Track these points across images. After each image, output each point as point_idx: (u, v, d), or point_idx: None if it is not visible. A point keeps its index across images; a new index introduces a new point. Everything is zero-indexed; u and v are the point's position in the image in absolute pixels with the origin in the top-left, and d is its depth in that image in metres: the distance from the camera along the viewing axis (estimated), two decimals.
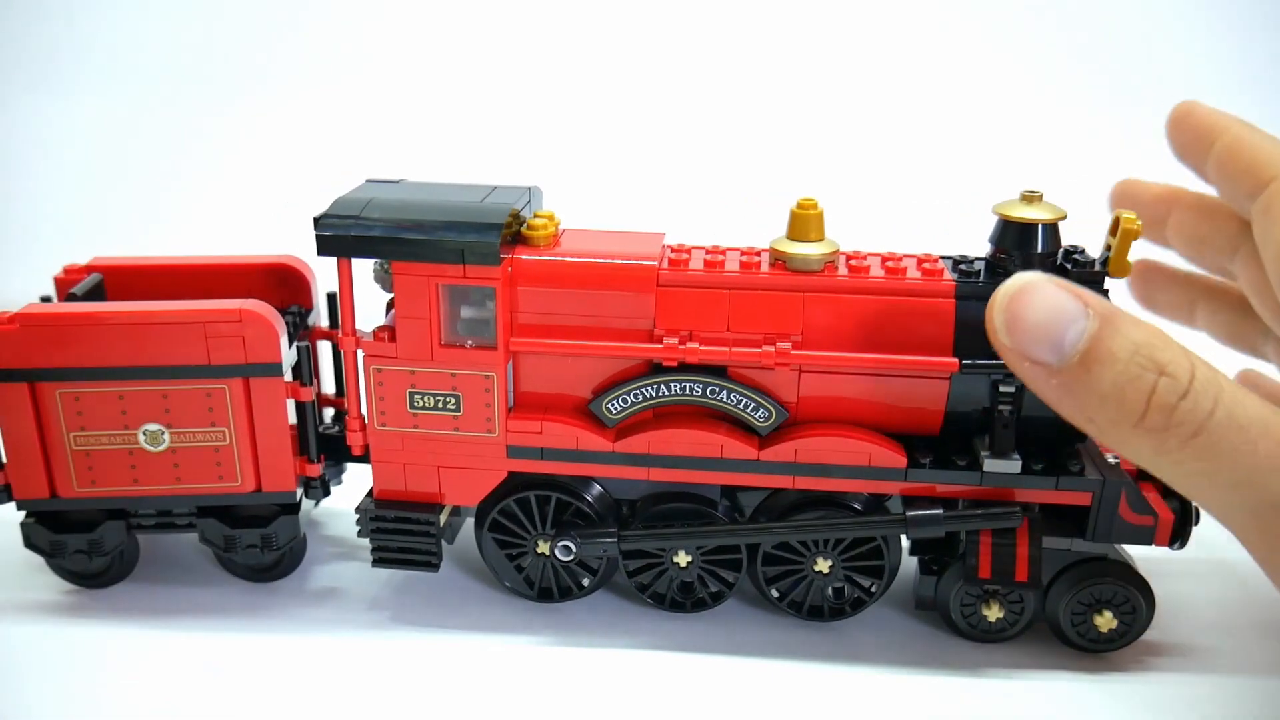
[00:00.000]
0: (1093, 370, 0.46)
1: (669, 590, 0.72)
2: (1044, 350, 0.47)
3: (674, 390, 0.67)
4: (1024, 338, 0.47)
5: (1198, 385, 0.45)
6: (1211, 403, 0.45)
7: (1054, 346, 0.47)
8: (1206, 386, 0.46)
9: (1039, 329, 0.47)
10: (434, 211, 0.66)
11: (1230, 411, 0.45)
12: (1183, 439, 0.46)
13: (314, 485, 0.74)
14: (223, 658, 0.67)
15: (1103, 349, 0.46)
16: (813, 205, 0.66)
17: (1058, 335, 0.46)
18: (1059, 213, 0.65)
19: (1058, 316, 0.46)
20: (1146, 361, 0.46)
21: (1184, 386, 0.45)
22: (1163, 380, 0.45)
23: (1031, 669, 0.67)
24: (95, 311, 0.67)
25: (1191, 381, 0.45)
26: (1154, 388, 0.45)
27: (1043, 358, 0.47)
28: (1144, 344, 0.46)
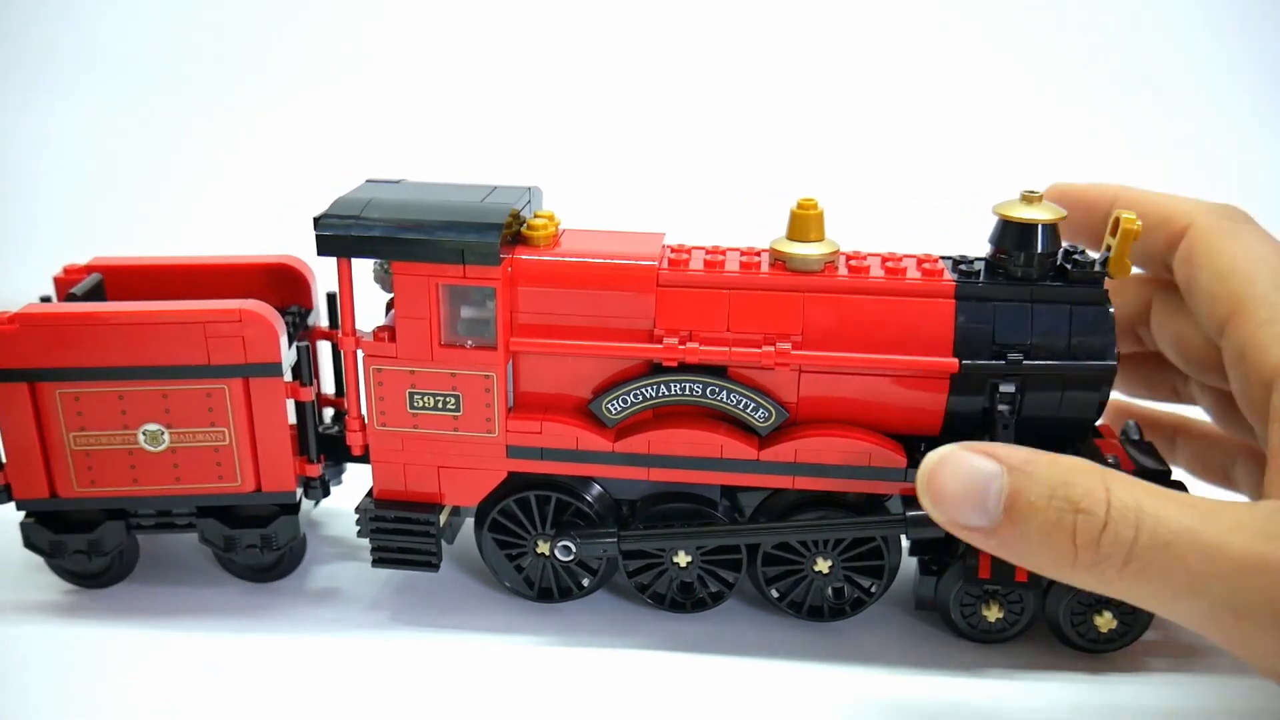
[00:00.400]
0: (1019, 524, 0.48)
1: (669, 590, 0.72)
2: (972, 516, 0.49)
3: (674, 390, 0.67)
4: (951, 509, 0.49)
5: (1114, 514, 0.47)
6: (1132, 529, 0.46)
7: (979, 510, 0.49)
8: (1124, 514, 0.47)
9: (962, 498, 0.49)
10: (434, 211, 0.66)
11: (1153, 533, 0.46)
12: (1117, 569, 0.47)
13: (314, 485, 0.74)
14: (223, 658, 0.67)
15: (1021, 501, 0.48)
16: (813, 205, 0.66)
17: (980, 499, 0.48)
18: (1059, 213, 0.65)
19: (974, 481, 0.48)
20: (1063, 503, 0.47)
21: (1101, 519, 0.47)
22: (1080, 518, 0.47)
23: (1031, 669, 0.67)
24: (95, 311, 0.67)
25: (1108, 511, 0.47)
26: (1074, 528, 0.47)
27: (974, 523, 0.49)
28: (1058, 484, 0.48)
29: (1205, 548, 0.46)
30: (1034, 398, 0.65)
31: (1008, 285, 0.65)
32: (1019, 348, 0.64)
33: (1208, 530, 0.46)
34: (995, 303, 0.65)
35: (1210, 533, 0.46)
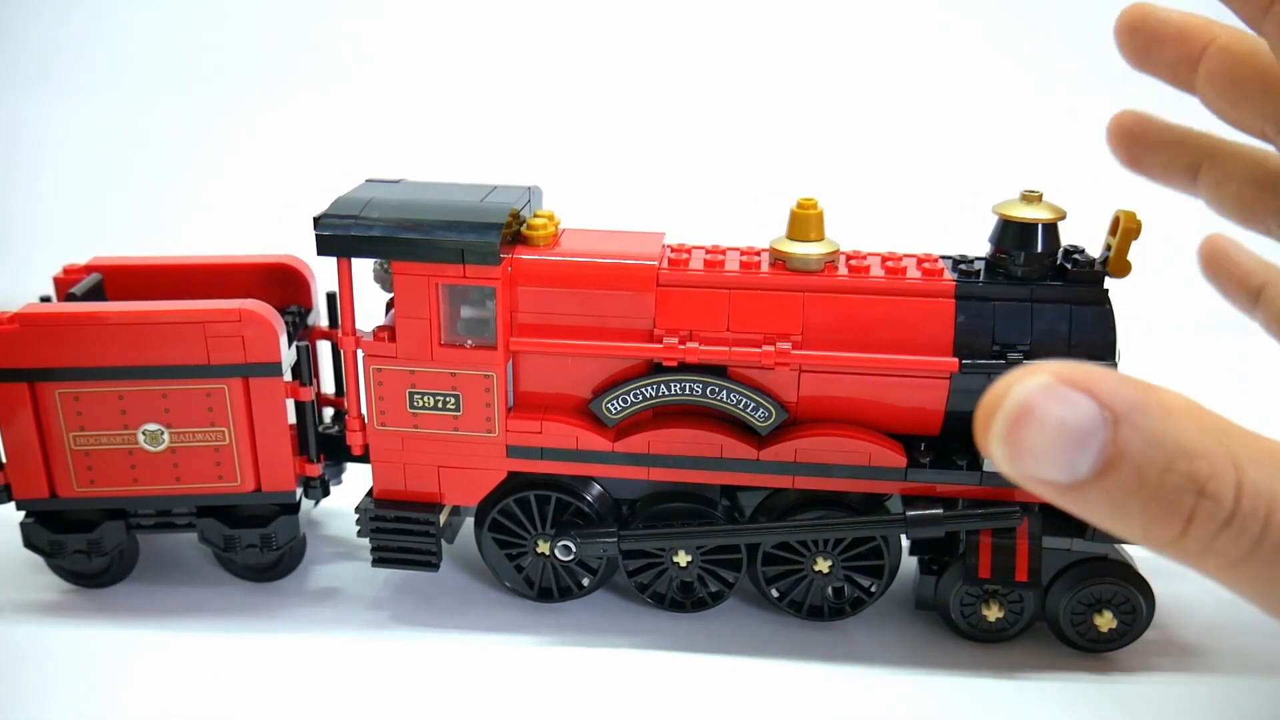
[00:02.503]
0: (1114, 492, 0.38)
1: (669, 590, 0.72)
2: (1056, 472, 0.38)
3: (674, 390, 0.67)
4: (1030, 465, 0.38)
5: (1244, 505, 0.37)
6: (1260, 524, 0.37)
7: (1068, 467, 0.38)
8: (1255, 504, 0.37)
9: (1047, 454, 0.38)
10: (434, 211, 0.66)
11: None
12: (1226, 563, 0.38)
13: (314, 485, 0.74)
14: (223, 658, 0.67)
15: (1125, 468, 0.37)
16: (813, 205, 0.66)
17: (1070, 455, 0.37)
18: (1059, 213, 0.65)
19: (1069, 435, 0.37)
20: (1182, 480, 0.37)
21: (1228, 510, 0.37)
22: (1203, 503, 0.37)
23: (1031, 669, 0.67)
24: (95, 311, 0.67)
25: (1237, 501, 0.37)
26: (1191, 513, 0.37)
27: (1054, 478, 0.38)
28: (1179, 453, 0.37)
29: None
30: None
31: (1008, 285, 0.65)
32: (1019, 347, 0.64)
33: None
34: (995, 302, 0.65)
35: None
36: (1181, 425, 0.37)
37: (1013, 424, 0.37)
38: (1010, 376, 0.36)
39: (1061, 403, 0.37)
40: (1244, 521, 0.37)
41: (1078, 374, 0.37)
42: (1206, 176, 0.60)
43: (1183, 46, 0.55)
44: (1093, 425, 0.36)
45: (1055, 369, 0.37)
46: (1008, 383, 0.36)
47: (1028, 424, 0.37)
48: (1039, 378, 0.36)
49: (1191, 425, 0.37)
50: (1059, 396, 0.36)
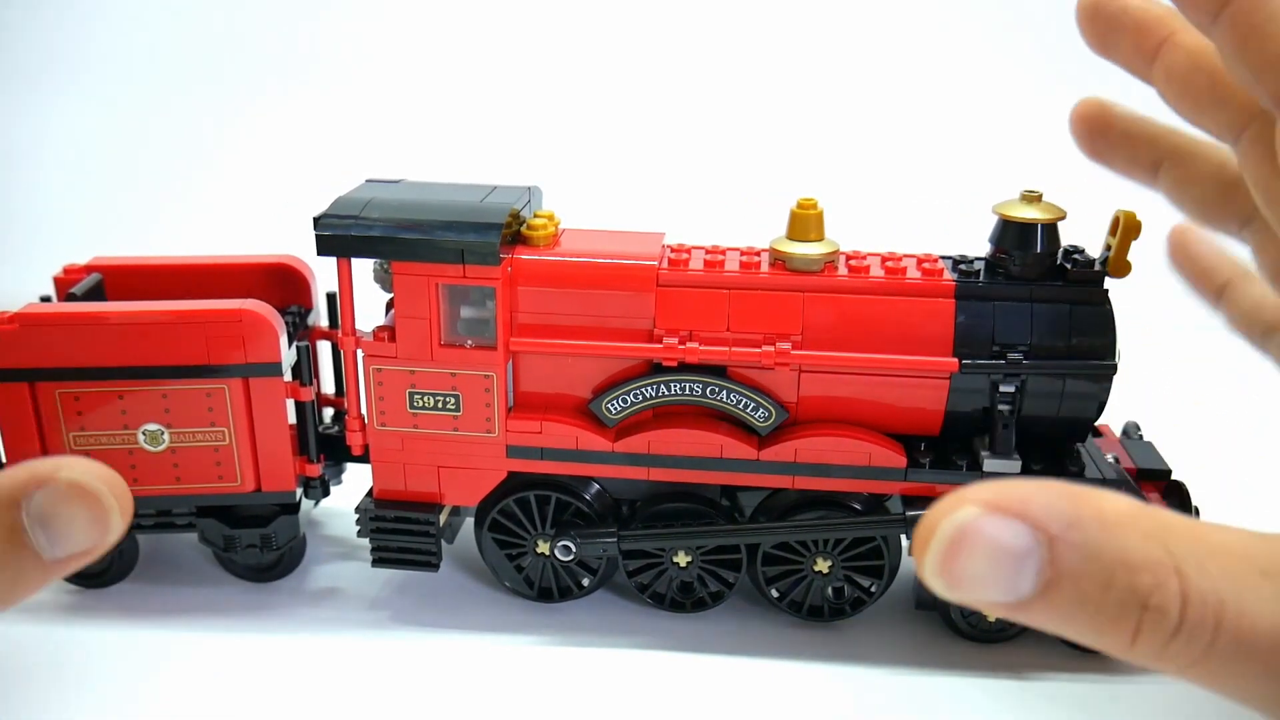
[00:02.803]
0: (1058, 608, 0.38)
1: (669, 590, 0.72)
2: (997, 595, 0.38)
3: (674, 390, 0.67)
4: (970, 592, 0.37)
5: (1192, 613, 0.37)
6: (1211, 629, 0.37)
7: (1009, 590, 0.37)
8: (1203, 613, 0.37)
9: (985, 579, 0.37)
10: (434, 211, 0.66)
11: (1235, 633, 0.37)
12: (1180, 667, 0.38)
13: (314, 485, 0.74)
14: (223, 658, 0.67)
15: (1065, 586, 0.37)
16: (813, 205, 0.66)
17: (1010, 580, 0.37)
18: (1059, 213, 0.65)
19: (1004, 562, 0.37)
20: (1124, 595, 0.37)
21: (1175, 621, 0.37)
22: (1147, 615, 0.37)
23: (1031, 669, 0.67)
24: (95, 311, 0.67)
25: (1184, 610, 0.37)
26: (1138, 626, 0.37)
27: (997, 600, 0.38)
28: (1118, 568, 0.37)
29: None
30: (1034, 397, 0.65)
31: (1008, 285, 0.65)
32: (1019, 347, 0.64)
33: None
34: (995, 302, 0.65)
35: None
36: (1121, 536, 0.37)
37: (946, 556, 0.37)
38: (940, 506, 0.36)
39: (993, 530, 0.36)
40: (1192, 630, 0.36)
41: (1007, 498, 0.36)
42: (1169, 175, 0.59)
43: (1139, 37, 0.54)
44: (1027, 548, 0.36)
45: (984, 496, 0.36)
46: (938, 514, 0.36)
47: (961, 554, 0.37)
48: (968, 508, 0.36)
49: (1132, 534, 0.37)
50: (989, 525, 0.36)
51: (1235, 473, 0.85)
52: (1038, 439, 0.66)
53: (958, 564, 0.37)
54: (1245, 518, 0.71)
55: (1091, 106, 0.59)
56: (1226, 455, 0.92)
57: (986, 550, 0.36)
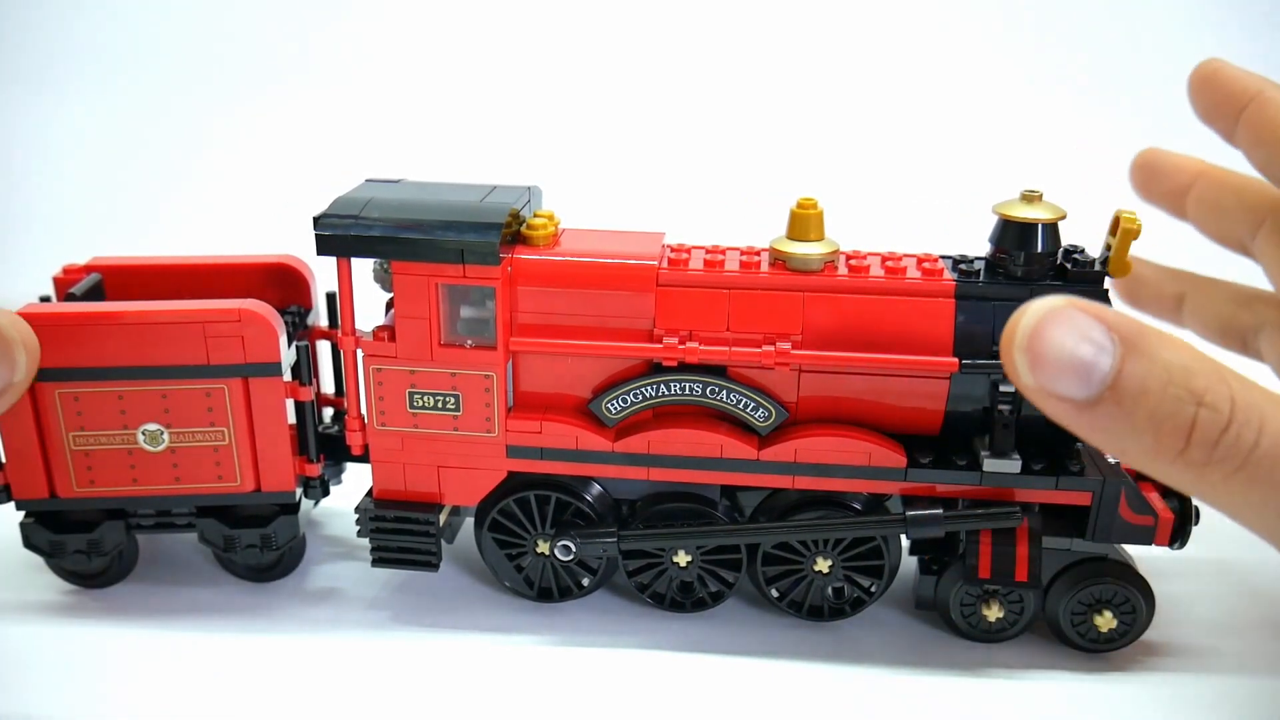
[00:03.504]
0: (1124, 404, 0.42)
1: (669, 590, 0.72)
2: (1071, 386, 0.42)
3: (674, 390, 0.67)
4: (1049, 375, 0.42)
5: (1239, 415, 0.42)
6: (1255, 433, 0.41)
7: (1082, 382, 0.42)
8: (1249, 415, 0.42)
9: (1064, 365, 0.42)
10: (434, 211, 0.66)
11: (1277, 439, 0.41)
12: (1226, 473, 0.42)
13: (313, 485, 0.74)
14: (223, 658, 0.67)
15: (1134, 381, 0.41)
16: (813, 205, 0.66)
17: (1085, 370, 0.42)
18: (1059, 213, 0.65)
19: (1083, 349, 0.42)
20: (1183, 392, 0.41)
21: (1225, 418, 0.41)
22: (1202, 412, 0.41)
23: (1031, 669, 0.67)
24: (94, 311, 0.67)
25: (1233, 411, 0.42)
26: (1193, 421, 0.42)
27: (1070, 394, 0.43)
28: (1179, 371, 0.42)
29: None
30: None
31: (1008, 285, 0.65)
32: None
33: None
34: (995, 302, 0.65)
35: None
36: (1179, 350, 0.42)
37: (1033, 337, 0.42)
38: (1032, 301, 0.42)
39: (1075, 323, 0.42)
40: (1240, 429, 0.41)
41: (1089, 303, 0.42)
42: (1190, 305, 0.70)
43: (1175, 179, 0.67)
44: (1102, 345, 0.41)
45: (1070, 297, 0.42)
46: (1029, 304, 0.42)
47: (1048, 332, 0.42)
48: (1057, 299, 0.42)
49: (1189, 350, 0.42)
50: (1072, 318, 0.42)
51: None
52: (1038, 439, 0.66)
53: (1042, 343, 0.42)
54: None
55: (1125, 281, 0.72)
56: None
57: (1069, 336, 0.41)
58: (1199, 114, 0.63)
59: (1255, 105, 0.58)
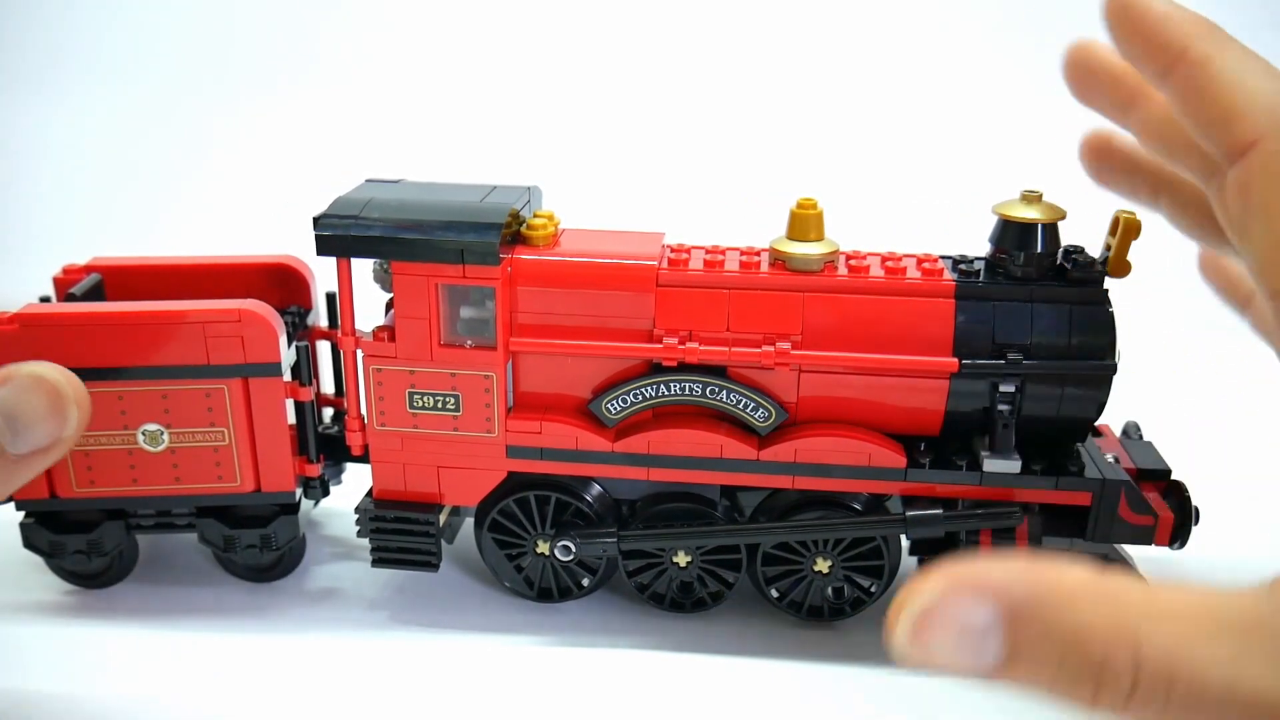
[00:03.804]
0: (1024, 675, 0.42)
1: (669, 590, 0.72)
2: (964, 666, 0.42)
3: (674, 390, 0.67)
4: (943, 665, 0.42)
5: (1144, 677, 0.40)
6: (1165, 690, 0.40)
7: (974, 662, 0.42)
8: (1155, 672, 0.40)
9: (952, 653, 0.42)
10: (434, 211, 0.66)
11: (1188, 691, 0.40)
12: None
13: (313, 485, 0.74)
14: (223, 658, 0.67)
15: (1025, 656, 0.41)
16: (813, 205, 0.66)
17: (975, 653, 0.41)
18: (1059, 213, 0.65)
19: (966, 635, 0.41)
20: (1081, 665, 0.40)
21: (1128, 684, 0.40)
22: (1105, 678, 0.40)
23: None
24: (94, 311, 0.67)
25: (1137, 674, 0.40)
26: (1096, 689, 0.40)
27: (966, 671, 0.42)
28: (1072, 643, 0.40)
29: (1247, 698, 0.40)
30: (1034, 397, 0.65)
31: (1008, 285, 0.65)
32: (1019, 347, 0.64)
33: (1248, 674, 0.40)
34: (995, 302, 0.65)
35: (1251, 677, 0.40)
36: (1075, 609, 0.40)
37: (915, 632, 0.42)
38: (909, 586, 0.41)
39: (955, 608, 0.41)
40: (1147, 693, 0.39)
41: (970, 575, 0.41)
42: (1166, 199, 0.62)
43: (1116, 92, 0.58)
44: (987, 623, 0.40)
45: (949, 574, 0.41)
46: (907, 594, 0.41)
47: (928, 631, 0.41)
48: (933, 586, 0.41)
49: (1085, 606, 0.40)
50: (949, 607, 0.41)
51: (1235, 473, 0.85)
52: (1038, 439, 0.66)
53: (926, 639, 0.41)
54: (1245, 518, 0.71)
55: (1097, 139, 0.63)
56: (1226, 455, 0.92)
57: (951, 626, 0.41)
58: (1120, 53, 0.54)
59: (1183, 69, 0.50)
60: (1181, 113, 0.51)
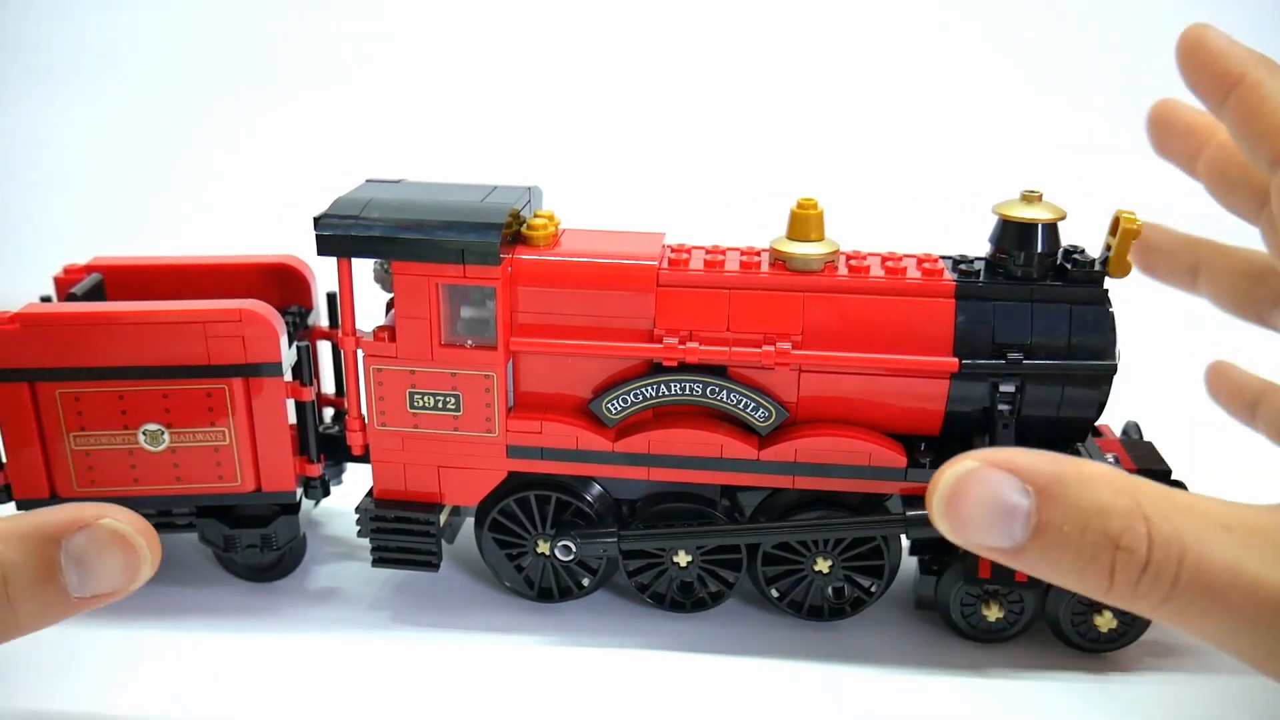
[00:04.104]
0: (1047, 551, 0.44)
1: (669, 590, 0.72)
2: (995, 539, 0.45)
3: (674, 390, 0.67)
4: (972, 534, 0.45)
5: (1156, 553, 0.43)
6: (1174, 568, 0.43)
7: (1004, 535, 0.44)
8: (1167, 551, 0.43)
9: (984, 523, 0.44)
10: (434, 211, 0.66)
11: (1195, 572, 0.43)
12: (1153, 606, 0.44)
13: (314, 485, 0.74)
14: (223, 658, 0.67)
15: (1050, 531, 0.44)
16: (813, 205, 0.66)
17: (1005, 525, 0.44)
18: (1059, 213, 0.65)
19: (999, 504, 0.44)
20: (1099, 537, 0.43)
21: (1142, 558, 0.43)
22: (1120, 555, 0.43)
23: (1031, 669, 0.67)
24: (95, 311, 0.67)
25: (1150, 550, 0.43)
26: (1112, 565, 0.43)
27: (996, 545, 0.45)
28: (1094, 514, 0.43)
29: (1248, 587, 0.43)
30: (1034, 397, 0.65)
31: (1008, 285, 0.65)
32: (1019, 347, 0.64)
33: (1250, 565, 0.43)
34: (995, 302, 0.65)
35: (1253, 568, 0.43)
36: (1096, 489, 0.43)
37: (950, 502, 0.44)
38: (946, 464, 0.44)
39: (991, 476, 0.44)
40: (1158, 569, 0.43)
41: (999, 456, 0.44)
42: (1205, 275, 0.69)
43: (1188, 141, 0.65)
44: (1016, 498, 0.43)
45: (980, 454, 0.44)
46: (943, 469, 0.44)
47: (962, 498, 0.44)
48: (967, 462, 0.44)
49: (1105, 488, 0.43)
50: (984, 477, 0.44)
51: (1235, 473, 0.85)
52: (1038, 439, 0.66)
53: (960, 507, 0.44)
54: None
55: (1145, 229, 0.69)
56: (1226, 455, 0.92)
57: (984, 494, 0.43)
58: (1187, 85, 0.61)
59: (1240, 90, 0.57)
60: (1236, 133, 0.56)
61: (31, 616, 0.50)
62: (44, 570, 0.49)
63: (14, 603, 0.49)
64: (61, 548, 0.49)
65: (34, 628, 0.50)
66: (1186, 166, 0.67)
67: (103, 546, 0.50)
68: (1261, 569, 0.43)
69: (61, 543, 0.49)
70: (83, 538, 0.50)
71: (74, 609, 0.51)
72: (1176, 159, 0.67)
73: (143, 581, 0.52)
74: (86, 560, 0.50)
